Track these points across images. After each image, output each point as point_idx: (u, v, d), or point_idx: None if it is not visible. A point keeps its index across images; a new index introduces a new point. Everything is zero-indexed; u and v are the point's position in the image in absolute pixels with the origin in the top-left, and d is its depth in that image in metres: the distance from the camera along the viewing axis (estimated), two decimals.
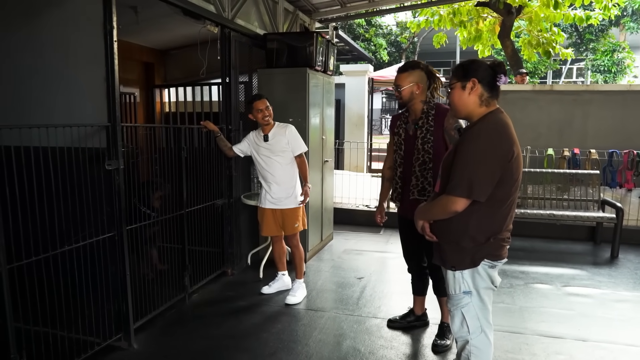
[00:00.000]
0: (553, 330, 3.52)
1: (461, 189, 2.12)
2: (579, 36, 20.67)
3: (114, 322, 3.15)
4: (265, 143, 3.96)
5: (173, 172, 3.82)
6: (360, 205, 7.06)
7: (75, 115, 3.02)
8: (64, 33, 3.05)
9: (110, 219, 3.02)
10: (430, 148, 3.01)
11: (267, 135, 3.96)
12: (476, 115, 2.25)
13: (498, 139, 2.15)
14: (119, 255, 3.08)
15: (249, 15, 4.92)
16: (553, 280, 4.58)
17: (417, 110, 3.08)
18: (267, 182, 4.00)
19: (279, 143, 3.95)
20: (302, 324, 3.63)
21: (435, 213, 2.29)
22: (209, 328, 3.56)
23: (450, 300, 2.38)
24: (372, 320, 3.69)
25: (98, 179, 2.95)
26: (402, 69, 3.08)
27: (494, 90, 2.22)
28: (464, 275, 2.29)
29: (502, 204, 2.21)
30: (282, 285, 4.25)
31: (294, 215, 4.04)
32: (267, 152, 3.96)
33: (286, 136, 3.96)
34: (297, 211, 4.06)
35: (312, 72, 4.85)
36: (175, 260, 3.99)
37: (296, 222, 4.05)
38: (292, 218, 4.03)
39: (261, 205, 4.09)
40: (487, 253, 2.25)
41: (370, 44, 22.71)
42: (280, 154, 3.95)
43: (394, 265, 5.01)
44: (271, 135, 3.96)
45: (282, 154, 3.95)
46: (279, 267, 4.28)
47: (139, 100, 6.18)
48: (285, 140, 3.96)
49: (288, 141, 3.96)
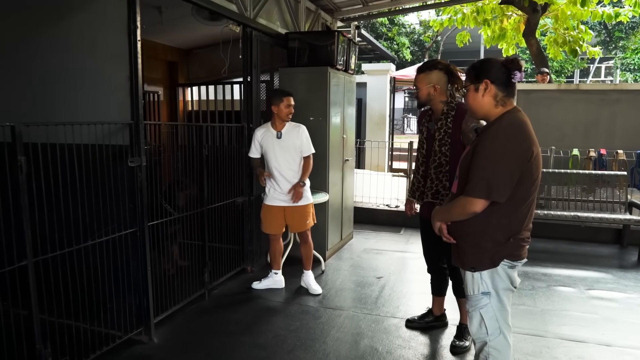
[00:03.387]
0: (575, 334, 3.45)
1: (480, 190, 2.10)
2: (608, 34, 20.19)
3: (135, 316, 3.21)
4: (279, 140, 3.99)
5: (195, 170, 3.87)
6: (380, 204, 7.04)
7: (100, 114, 3.09)
8: (90, 33, 3.13)
9: (133, 215, 3.08)
10: (447, 150, 2.98)
11: (280, 132, 3.99)
12: (493, 115, 2.23)
13: (516, 138, 2.12)
14: (140, 251, 3.13)
15: (271, 15, 4.95)
16: (576, 283, 4.49)
17: (438, 110, 3.06)
18: (277, 179, 4.02)
19: (293, 141, 4.00)
20: (320, 322, 3.64)
21: (454, 214, 2.27)
22: (227, 324, 3.59)
23: (468, 301, 2.36)
24: (391, 320, 3.68)
25: (121, 176, 3.01)
26: (419, 69, 3.07)
27: (509, 88, 2.20)
28: (483, 275, 2.27)
29: (521, 204, 2.18)
30: (272, 283, 4.28)
31: (305, 211, 4.09)
32: (280, 150, 3.99)
33: (300, 136, 4.03)
34: (308, 207, 4.12)
35: (333, 71, 4.85)
36: (196, 256, 4.04)
37: (308, 219, 4.11)
38: (303, 215, 4.08)
39: (268, 202, 4.10)
40: (506, 253, 2.23)
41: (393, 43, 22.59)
42: (293, 152, 4.00)
43: (414, 266, 4.98)
44: (284, 132, 4.00)
45: (294, 152, 4.01)
46: (274, 265, 4.28)
47: (162, 98, 6.27)
48: (298, 140, 4.02)
49: (301, 141, 4.03)
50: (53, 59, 3.26)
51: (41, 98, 3.34)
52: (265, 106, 5.05)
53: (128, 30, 2.92)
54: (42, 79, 3.32)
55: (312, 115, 4.81)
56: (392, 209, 6.87)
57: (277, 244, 4.23)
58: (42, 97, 3.34)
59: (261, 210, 4.18)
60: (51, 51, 3.27)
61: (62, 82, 3.24)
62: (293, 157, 4.01)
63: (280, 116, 3.98)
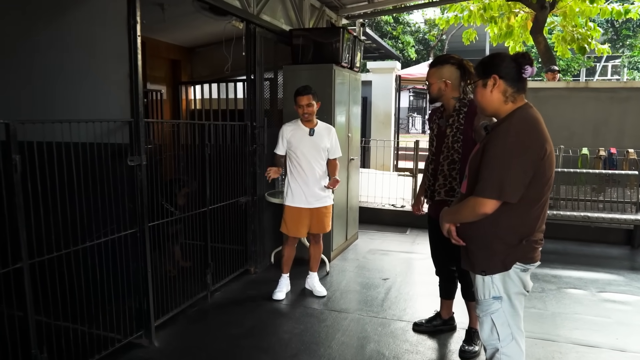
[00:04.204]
0: (588, 338, 3.35)
1: (491, 190, 2.00)
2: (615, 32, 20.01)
3: (135, 319, 3.13)
4: (311, 137, 3.86)
5: (197, 169, 3.80)
6: (386, 204, 6.94)
7: (100, 111, 3.01)
8: (89, 29, 3.05)
9: (133, 215, 3.00)
10: (459, 147, 2.88)
11: (312, 129, 3.88)
12: (503, 112, 2.14)
13: (529, 136, 2.03)
14: (140, 252, 3.05)
15: (275, 11, 4.87)
16: (587, 286, 4.38)
17: (450, 106, 2.97)
18: (306, 178, 3.86)
19: (324, 141, 3.91)
20: (324, 325, 3.55)
21: (463, 215, 2.17)
22: (230, 327, 3.51)
23: (479, 305, 2.27)
24: (397, 323, 3.59)
25: (120, 175, 2.93)
26: (431, 64, 2.99)
27: (519, 84, 2.11)
28: (494, 279, 2.18)
29: (534, 204, 2.09)
30: (288, 287, 4.18)
31: (329, 212, 4.03)
32: (311, 148, 3.86)
33: (330, 137, 3.96)
34: (330, 209, 4.05)
35: (338, 68, 4.76)
36: (198, 257, 3.97)
37: (330, 220, 4.04)
38: (327, 215, 4.02)
39: (294, 204, 3.93)
40: (519, 256, 2.13)
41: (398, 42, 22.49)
42: (322, 152, 3.91)
43: (420, 267, 4.88)
44: (317, 130, 3.90)
45: (323, 152, 3.92)
46: (285, 269, 4.14)
47: (165, 97, 6.20)
48: (329, 141, 3.94)
49: (332, 143, 3.96)
50: (52, 55, 3.19)
51: (40, 95, 3.27)
52: (269, 104, 4.98)
53: (128, 26, 2.84)
54: (41, 76, 3.25)
55: (317, 114, 4.70)
56: (397, 209, 6.78)
57: (293, 248, 4.13)
58: (40, 95, 3.27)
59: (285, 212, 3.99)
60: (50, 48, 3.20)
61: (60, 79, 3.16)
62: (322, 157, 3.92)
63: (299, 116, 3.89)
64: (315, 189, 3.89)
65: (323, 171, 3.94)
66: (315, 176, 3.88)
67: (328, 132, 3.97)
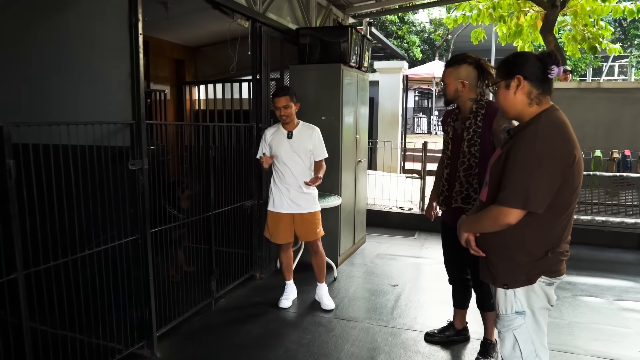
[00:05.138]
0: (608, 350, 3.21)
1: (515, 199, 1.86)
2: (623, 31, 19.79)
3: (137, 329, 3.01)
4: (289, 140, 3.68)
5: (201, 172, 3.67)
6: (393, 207, 6.80)
7: (100, 112, 2.89)
8: (89, 26, 2.93)
9: (134, 221, 2.88)
10: (476, 152, 2.74)
11: (291, 132, 3.69)
12: (527, 115, 2.00)
13: (556, 141, 1.89)
14: (142, 260, 2.93)
15: (281, 9, 4.74)
16: (604, 293, 4.23)
17: (466, 108, 2.82)
18: (286, 183, 3.69)
19: (304, 143, 3.70)
20: (333, 335, 3.42)
21: (485, 225, 2.03)
22: (235, 336, 3.39)
23: (500, 321, 2.13)
24: (408, 333, 3.46)
25: (121, 180, 2.80)
26: (447, 64, 2.83)
27: (545, 85, 1.97)
28: (517, 293, 2.04)
29: (561, 214, 1.95)
30: (294, 294, 4.03)
31: (315, 218, 3.80)
32: (291, 151, 3.67)
33: (312, 138, 3.73)
34: (318, 215, 3.82)
35: (346, 68, 4.63)
36: (202, 263, 3.84)
37: (318, 227, 3.81)
38: (313, 222, 3.78)
39: (275, 209, 3.76)
40: (544, 269, 1.99)
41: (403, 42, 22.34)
42: (304, 155, 3.70)
43: (430, 272, 4.75)
44: (296, 132, 3.69)
45: (305, 155, 3.71)
46: (287, 276, 4.00)
47: (169, 97, 6.08)
48: (311, 142, 3.72)
49: (314, 144, 3.74)
50: (50, 54, 3.07)
51: (38, 96, 3.15)
52: None
53: (129, 23, 2.72)
54: (39, 76, 3.13)
55: (324, 115, 4.59)
56: (405, 212, 6.63)
57: (288, 254, 3.95)
58: (39, 95, 3.15)
59: (267, 217, 3.84)
60: (48, 46, 3.08)
61: (59, 78, 3.04)
62: (303, 160, 3.70)
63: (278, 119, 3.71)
64: (296, 194, 3.70)
65: (308, 174, 3.72)
66: (295, 181, 3.68)
67: (310, 134, 3.74)
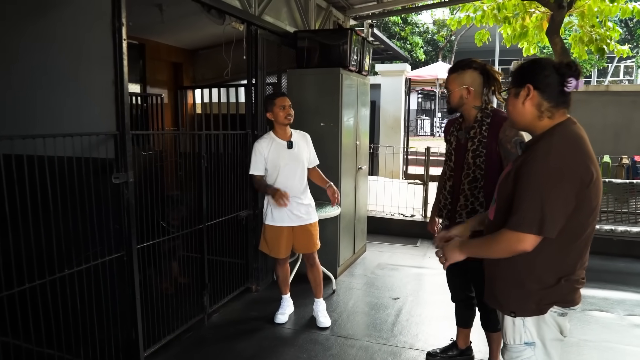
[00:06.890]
0: None
1: (529, 223, 1.68)
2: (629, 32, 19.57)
3: (123, 349, 2.85)
4: (290, 150, 3.52)
5: (194, 182, 3.51)
6: (395, 213, 6.63)
7: (84, 122, 2.74)
8: (71, 32, 2.77)
9: (119, 237, 2.72)
10: (482, 163, 2.57)
11: (290, 141, 3.53)
12: (539, 129, 1.81)
13: (573, 159, 1.71)
14: (127, 277, 2.78)
15: (278, 12, 4.58)
16: (614, 307, 4.05)
17: (470, 117, 2.65)
18: (290, 195, 3.46)
19: (303, 152, 3.58)
20: (330, 354, 3.26)
21: (495, 251, 1.83)
22: (228, 355, 3.23)
23: (507, 351, 1.95)
24: (409, 352, 3.29)
25: (105, 193, 2.65)
26: (451, 70, 2.66)
27: (560, 98, 1.77)
28: (527, 322, 1.86)
29: (576, 238, 1.78)
30: (289, 308, 3.87)
31: (315, 230, 3.66)
32: (292, 162, 3.52)
33: (308, 146, 3.63)
34: (316, 226, 3.68)
35: (345, 72, 4.46)
36: (194, 275, 3.68)
37: (317, 238, 3.67)
38: (313, 233, 3.63)
39: (275, 223, 3.56)
40: (557, 298, 1.81)
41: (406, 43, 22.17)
42: (302, 164, 3.57)
43: (433, 284, 4.58)
44: (295, 141, 3.56)
45: (304, 164, 3.58)
46: (284, 290, 3.84)
47: (166, 101, 5.93)
48: (307, 150, 3.62)
49: (309, 152, 3.63)
50: (32, 61, 2.91)
51: (21, 104, 3.00)
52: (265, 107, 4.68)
53: (112, 28, 2.56)
54: (22, 83, 2.98)
55: (323, 121, 4.43)
56: (407, 219, 6.46)
57: (285, 267, 3.78)
58: (22, 103, 2.99)
59: (264, 232, 3.65)
60: (31, 52, 2.92)
61: (42, 87, 2.88)
62: (303, 170, 3.57)
63: (279, 120, 3.49)
64: (296, 205, 3.53)
65: (304, 185, 3.60)
66: (297, 192, 3.52)
67: (306, 141, 3.63)
